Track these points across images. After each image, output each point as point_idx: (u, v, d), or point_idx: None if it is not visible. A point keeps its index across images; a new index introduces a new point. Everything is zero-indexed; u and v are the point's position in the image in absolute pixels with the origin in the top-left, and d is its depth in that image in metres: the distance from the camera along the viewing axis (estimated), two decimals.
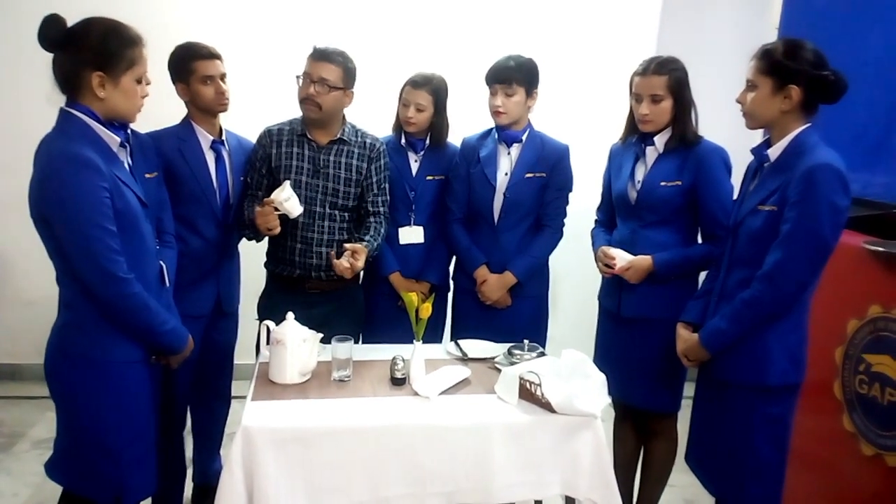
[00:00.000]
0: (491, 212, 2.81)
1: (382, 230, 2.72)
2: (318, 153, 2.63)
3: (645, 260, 2.47)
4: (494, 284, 2.80)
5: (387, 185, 2.77)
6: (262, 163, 2.63)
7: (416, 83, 2.78)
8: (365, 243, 2.59)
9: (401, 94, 2.83)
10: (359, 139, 2.69)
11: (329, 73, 2.53)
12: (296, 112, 2.66)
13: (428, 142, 2.89)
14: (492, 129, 2.85)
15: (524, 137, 2.79)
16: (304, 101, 2.56)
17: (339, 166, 2.64)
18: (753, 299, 2.05)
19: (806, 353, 2.14)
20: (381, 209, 2.74)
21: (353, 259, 2.48)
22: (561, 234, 2.87)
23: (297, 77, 2.57)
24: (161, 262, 2.12)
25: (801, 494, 2.69)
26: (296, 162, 2.61)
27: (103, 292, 1.88)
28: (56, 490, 2.10)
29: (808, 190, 1.95)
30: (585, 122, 3.81)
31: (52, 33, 1.85)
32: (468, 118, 3.00)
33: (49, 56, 1.88)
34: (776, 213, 2.03)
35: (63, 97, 1.91)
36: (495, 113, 2.71)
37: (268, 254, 2.75)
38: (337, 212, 2.67)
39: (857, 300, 2.43)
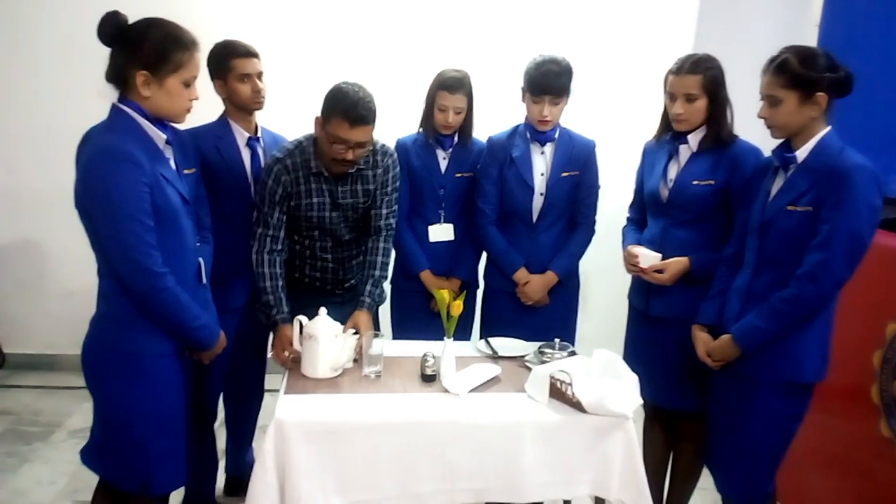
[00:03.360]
0: (529, 212, 2.80)
1: (390, 257, 2.67)
2: (335, 186, 2.53)
3: (680, 262, 2.46)
4: (538, 285, 2.80)
5: (397, 195, 2.67)
6: (285, 201, 2.49)
7: (452, 87, 2.73)
8: (368, 303, 2.53)
9: (433, 98, 2.78)
10: (369, 159, 2.55)
11: (367, 135, 2.38)
12: None
13: (456, 139, 2.88)
14: (517, 126, 2.83)
15: (556, 136, 2.78)
16: (339, 162, 2.41)
17: (356, 194, 2.57)
18: (795, 298, 2.08)
19: (830, 351, 2.19)
20: (393, 221, 2.66)
21: (361, 342, 2.34)
22: (594, 231, 2.87)
23: (324, 128, 2.37)
24: (200, 259, 2.15)
25: (836, 500, 2.65)
26: (317, 199, 2.51)
27: (136, 285, 1.91)
28: (91, 479, 2.16)
29: (848, 191, 1.99)
30: (621, 119, 3.79)
31: (109, 29, 1.89)
32: (492, 111, 3.00)
33: (96, 53, 1.92)
34: (811, 213, 2.07)
35: (115, 94, 1.95)
36: (541, 122, 2.69)
37: (291, 272, 2.66)
38: (356, 236, 2.67)
39: None
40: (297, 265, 2.67)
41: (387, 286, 2.84)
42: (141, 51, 1.89)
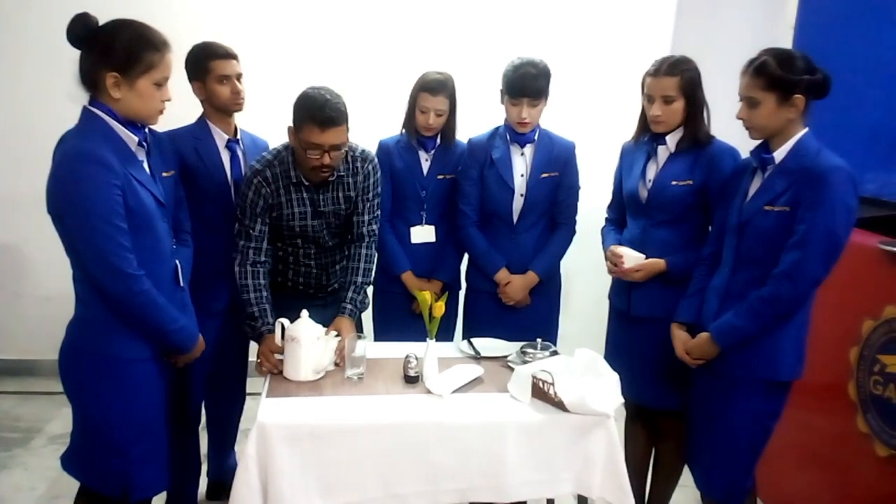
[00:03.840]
0: (510, 213, 2.81)
1: (373, 263, 2.66)
2: (316, 194, 2.51)
3: (657, 263, 2.48)
4: (519, 285, 2.81)
5: (379, 200, 2.66)
6: (266, 212, 2.48)
7: (434, 89, 2.73)
8: (349, 310, 2.53)
9: (415, 100, 2.78)
10: (349, 166, 2.54)
11: (340, 136, 2.34)
12: None
13: (439, 140, 2.89)
14: (497, 128, 2.85)
15: (535, 137, 2.79)
16: (318, 169, 2.38)
17: (337, 201, 2.56)
18: (772, 297, 2.10)
19: (806, 349, 2.22)
20: (375, 227, 2.66)
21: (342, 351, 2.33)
22: (574, 231, 2.89)
23: (298, 137, 2.35)
24: (176, 262, 2.13)
25: (815, 495, 2.68)
26: (298, 209, 2.51)
27: (111, 288, 1.89)
28: (72, 484, 2.13)
29: (825, 192, 2.02)
30: (599, 121, 3.82)
31: (79, 31, 1.88)
32: (473, 113, 3.00)
33: (71, 56, 1.90)
34: (788, 213, 2.09)
35: (84, 95, 1.93)
36: (520, 124, 2.70)
37: (275, 277, 2.67)
38: (338, 242, 2.67)
39: (873, 301, 2.42)
40: (280, 270, 2.67)
41: (369, 290, 2.85)
42: (111, 52, 1.87)
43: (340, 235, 2.66)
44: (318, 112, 2.28)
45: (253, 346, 2.88)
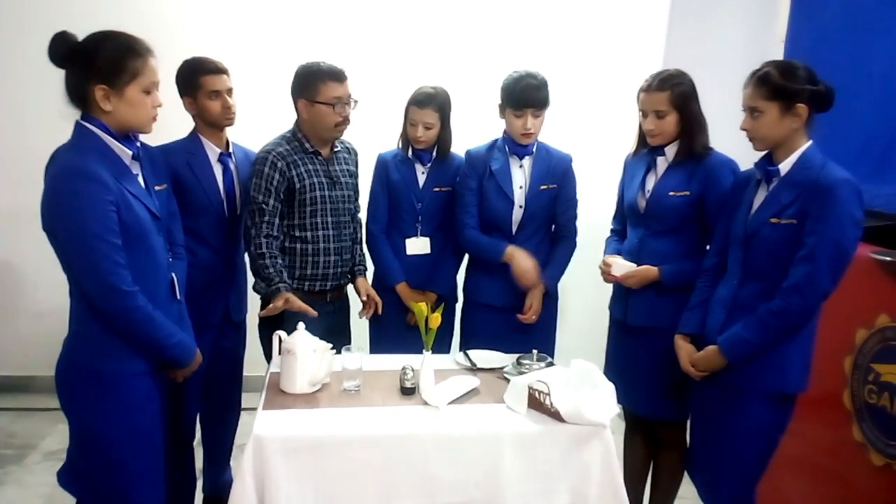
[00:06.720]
0: (509, 224, 2.82)
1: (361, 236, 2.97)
2: (328, 166, 2.69)
3: (649, 270, 2.49)
4: (524, 254, 2.74)
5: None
6: (281, 186, 2.59)
7: (422, 102, 2.77)
8: (363, 270, 2.93)
9: (406, 113, 2.83)
10: (342, 146, 2.81)
11: (349, 89, 2.61)
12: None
13: (434, 154, 2.91)
14: (496, 140, 2.87)
15: (533, 150, 2.81)
16: (341, 123, 2.62)
17: (346, 174, 2.78)
18: (782, 310, 2.10)
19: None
20: (360, 217, 2.94)
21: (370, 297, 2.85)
22: (575, 244, 2.90)
23: (314, 103, 2.57)
24: (173, 275, 2.12)
25: None
26: (315, 179, 2.65)
27: (107, 305, 1.89)
28: (67, 501, 2.13)
29: (833, 205, 2.03)
30: (598, 134, 3.84)
31: (60, 49, 1.88)
32: (469, 126, 3.02)
33: (61, 72, 1.91)
34: (795, 225, 2.10)
35: (76, 112, 1.93)
36: (524, 135, 2.72)
37: (290, 280, 2.67)
38: (350, 218, 2.80)
39: (866, 310, 2.43)
40: (297, 266, 2.70)
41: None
42: (96, 65, 1.87)
43: (351, 215, 2.83)
44: (328, 68, 2.58)
45: (249, 361, 2.89)
